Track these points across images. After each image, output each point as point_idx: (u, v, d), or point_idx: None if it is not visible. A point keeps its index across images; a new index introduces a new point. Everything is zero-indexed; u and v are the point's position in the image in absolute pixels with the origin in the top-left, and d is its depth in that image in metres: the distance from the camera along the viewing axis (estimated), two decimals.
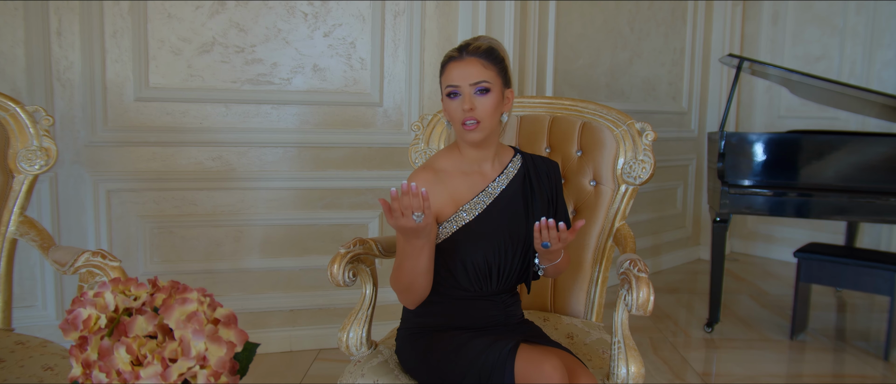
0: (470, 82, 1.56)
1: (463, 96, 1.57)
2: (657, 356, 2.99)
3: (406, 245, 1.50)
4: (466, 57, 1.58)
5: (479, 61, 1.58)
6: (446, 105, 1.60)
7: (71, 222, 2.66)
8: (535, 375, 1.41)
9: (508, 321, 1.69)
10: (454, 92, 1.58)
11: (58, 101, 2.58)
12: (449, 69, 1.60)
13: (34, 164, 1.88)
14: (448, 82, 1.59)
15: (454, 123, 1.61)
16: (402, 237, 1.49)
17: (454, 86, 1.58)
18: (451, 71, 1.59)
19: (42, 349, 1.66)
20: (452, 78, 1.58)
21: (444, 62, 1.62)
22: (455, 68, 1.58)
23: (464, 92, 1.57)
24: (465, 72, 1.57)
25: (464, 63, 1.58)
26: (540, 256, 1.63)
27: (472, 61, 1.58)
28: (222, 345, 0.84)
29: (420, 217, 1.40)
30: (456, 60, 1.59)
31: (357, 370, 1.73)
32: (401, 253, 1.55)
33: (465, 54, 1.59)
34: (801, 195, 3.04)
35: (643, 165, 2.07)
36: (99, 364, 0.81)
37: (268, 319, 2.92)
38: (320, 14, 2.84)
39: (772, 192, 3.07)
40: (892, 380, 2.80)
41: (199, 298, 0.87)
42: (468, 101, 1.56)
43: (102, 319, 0.84)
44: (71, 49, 2.57)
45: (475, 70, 1.57)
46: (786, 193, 3.06)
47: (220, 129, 2.78)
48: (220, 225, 2.84)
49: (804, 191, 3.05)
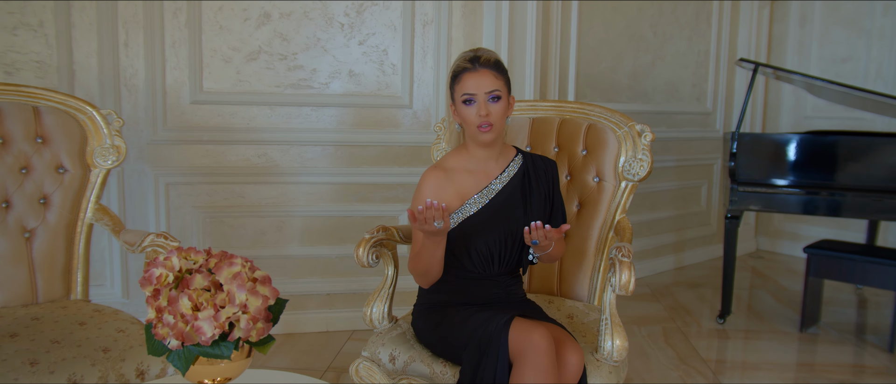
0: (485, 91, 1.80)
1: (478, 103, 1.80)
2: (667, 343, 3.18)
3: (426, 240, 1.76)
4: (480, 68, 1.81)
5: (490, 72, 1.81)
6: (462, 110, 1.82)
7: (135, 212, 3.00)
8: (525, 343, 1.65)
9: (509, 299, 1.92)
10: (470, 99, 1.81)
11: (124, 104, 2.92)
12: (464, 79, 1.81)
13: (107, 160, 2.20)
14: (464, 91, 1.81)
15: (468, 127, 1.84)
16: (423, 235, 1.75)
17: (470, 94, 1.80)
18: (467, 80, 1.81)
19: (115, 316, 1.97)
20: (469, 87, 1.81)
21: (457, 72, 1.83)
22: (470, 78, 1.81)
23: (479, 99, 1.80)
24: (479, 81, 1.80)
25: (478, 74, 1.81)
26: (533, 248, 1.86)
27: (485, 72, 1.81)
28: (259, 297, 1.10)
29: (440, 224, 1.66)
30: (470, 71, 1.81)
31: (379, 340, 1.99)
32: (420, 245, 1.81)
33: (477, 66, 1.81)
34: (808, 193, 3.18)
35: (642, 163, 2.25)
36: (168, 309, 1.09)
37: (306, 302, 3.22)
38: (356, 24, 3.12)
39: (779, 190, 3.22)
40: (893, 370, 2.92)
41: (242, 263, 1.13)
42: (483, 107, 1.80)
43: (170, 277, 1.12)
44: (136, 58, 2.91)
45: (488, 80, 1.80)
46: (793, 191, 3.21)
47: (265, 129, 3.09)
48: (265, 215, 3.15)
49: (811, 189, 3.19)
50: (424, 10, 3.15)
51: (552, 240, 1.75)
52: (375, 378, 1.98)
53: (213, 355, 1.09)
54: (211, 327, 1.06)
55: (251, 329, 1.10)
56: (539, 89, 3.45)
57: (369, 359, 1.99)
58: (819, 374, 2.90)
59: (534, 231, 1.71)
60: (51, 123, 2.13)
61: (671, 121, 4.49)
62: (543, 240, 1.72)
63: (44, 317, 1.91)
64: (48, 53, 2.78)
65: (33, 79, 2.76)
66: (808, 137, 3.33)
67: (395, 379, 1.94)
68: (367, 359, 1.99)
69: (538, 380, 1.61)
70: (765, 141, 3.35)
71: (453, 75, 1.85)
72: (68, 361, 1.66)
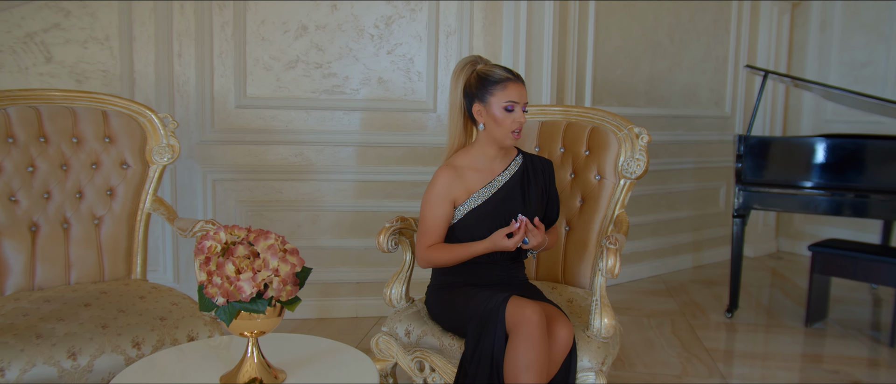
0: (523, 101, 2.06)
1: (517, 110, 2.05)
2: (673, 334, 3.37)
3: (479, 250, 2.04)
4: (519, 81, 2.06)
5: (524, 86, 2.08)
6: (499, 115, 2.04)
7: (185, 204, 3.34)
8: (519, 317, 1.89)
9: (511, 282, 2.17)
10: (512, 106, 2.04)
11: (177, 108, 3.26)
12: (510, 88, 2.03)
13: (163, 157, 2.52)
14: (510, 98, 2.03)
15: (501, 129, 2.06)
16: (489, 247, 2.02)
17: (515, 102, 2.04)
18: (512, 90, 2.04)
19: (169, 293, 2.28)
20: (514, 95, 2.03)
21: (499, 80, 2.04)
22: (515, 88, 2.04)
23: (518, 108, 2.05)
24: (521, 92, 2.06)
25: (519, 86, 2.06)
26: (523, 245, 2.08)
27: (522, 86, 2.07)
28: (288, 264, 1.38)
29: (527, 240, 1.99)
30: (514, 82, 2.05)
31: (396, 317, 2.26)
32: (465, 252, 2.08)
33: (517, 79, 2.06)
34: (808, 193, 3.34)
35: (638, 163, 2.46)
36: (216, 273, 1.37)
37: (337, 289, 3.51)
38: (385, 35, 3.40)
39: (780, 190, 3.38)
40: (889, 362, 3.06)
41: (275, 237, 1.41)
42: (521, 115, 2.05)
43: (218, 247, 1.40)
44: (188, 67, 3.25)
45: (524, 92, 2.06)
46: (793, 192, 3.37)
47: (302, 131, 3.39)
48: (300, 210, 3.45)
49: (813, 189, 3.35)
50: (447, 21, 3.42)
51: (541, 237, 2.00)
52: (393, 350, 2.25)
53: (252, 309, 1.37)
54: (250, 286, 1.34)
55: (282, 290, 1.38)
56: (556, 94, 3.68)
57: (388, 333, 2.26)
58: (814, 364, 3.06)
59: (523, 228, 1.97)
60: (116, 125, 2.46)
61: (689, 124, 4.66)
62: (532, 236, 1.97)
63: (110, 292, 2.23)
64: (113, 63, 3.14)
65: (100, 86, 3.12)
66: (806, 141, 3.48)
67: (410, 351, 2.20)
68: (386, 334, 2.26)
69: (529, 349, 1.85)
70: (768, 144, 3.51)
71: (490, 81, 2.05)
72: (132, 326, 1.97)
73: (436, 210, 2.12)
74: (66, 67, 3.10)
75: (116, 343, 1.90)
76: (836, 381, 2.86)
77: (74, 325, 1.93)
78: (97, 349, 1.86)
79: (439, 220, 2.12)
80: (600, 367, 2.03)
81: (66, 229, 2.37)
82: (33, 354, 1.80)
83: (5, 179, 2.26)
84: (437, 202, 2.11)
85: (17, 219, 2.27)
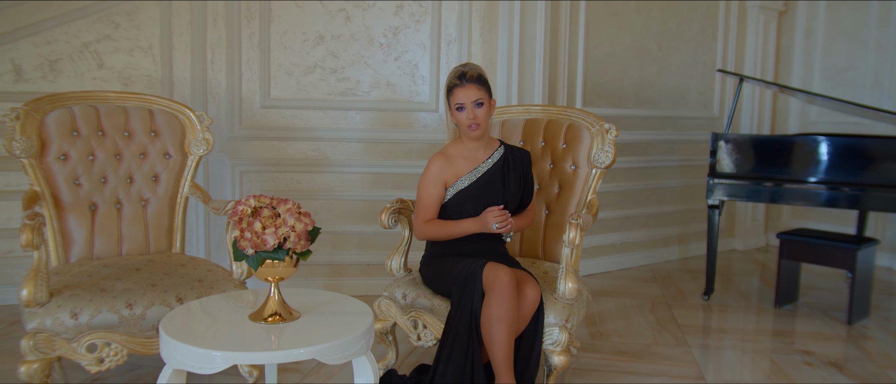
0: (471, 100, 2.45)
1: (467, 110, 2.45)
2: (651, 312, 3.72)
3: (471, 230, 2.44)
4: (466, 83, 2.45)
5: (474, 85, 2.45)
6: (456, 115, 2.46)
7: (215, 193, 3.78)
8: (493, 279, 2.27)
9: (492, 254, 2.56)
10: (461, 107, 2.46)
11: (210, 108, 3.71)
12: (456, 92, 2.45)
13: (200, 149, 2.95)
14: (456, 101, 2.45)
15: (461, 127, 2.49)
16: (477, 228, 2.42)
17: (460, 103, 2.46)
18: (458, 93, 2.44)
19: (205, 263, 2.70)
20: (459, 98, 2.44)
21: (450, 86, 2.46)
22: (460, 92, 2.45)
23: (467, 106, 2.45)
24: (467, 93, 2.45)
25: (465, 88, 2.45)
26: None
27: (470, 86, 2.45)
28: (303, 223, 1.79)
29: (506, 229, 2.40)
30: (459, 86, 2.45)
31: (395, 284, 2.66)
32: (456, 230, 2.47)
33: (464, 81, 2.45)
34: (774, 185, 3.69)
35: (607, 154, 2.82)
36: (247, 229, 1.79)
37: (348, 270, 3.93)
38: (392, 44, 3.82)
39: (747, 182, 3.74)
40: (844, 338, 3.39)
41: (292, 203, 1.82)
42: (471, 112, 2.44)
43: (249, 210, 1.81)
44: (219, 72, 3.69)
45: (473, 91, 2.45)
46: (758, 183, 3.72)
47: (319, 129, 3.82)
48: (317, 199, 3.88)
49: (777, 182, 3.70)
50: (448, 31, 3.82)
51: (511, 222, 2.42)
52: (392, 311, 2.65)
53: (274, 257, 1.78)
54: (273, 239, 1.75)
55: (297, 243, 1.79)
56: (549, 97, 4.07)
57: (388, 297, 2.66)
58: (773, 338, 3.40)
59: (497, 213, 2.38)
60: (161, 121, 2.90)
61: (677, 124, 5.01)
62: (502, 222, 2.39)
63: (156, 261, 2.66)
64: (155, 69, 3.60)
65: (143, 88, 3.58)
66: (770, 139, 3.85)
67: (407, 311, 2.60)
68: (386, 298, 2.67)
69: (501, 305, 2.24)
70: (738, 141, 3.87)
71: (448, 89, 2.49)
72: (175, 286, 2.39)
73: (430, 190, 2.52)
74: (115, 72, 3.57)
75: (164, 297, 2.33)
76: (789, 350, 3.20)
77: (129, 284, 2.36)
78: (149, 302, 2.29)
79: (433, 199, 2.52)
80: (564, 324, 2.41)
81: (119, 209, 2.81)
82: (100, 303, 2.23)
83: (71, 166, 2.70)
84: (431, 184, 2.51)
85: (80, 199, 2.72)
